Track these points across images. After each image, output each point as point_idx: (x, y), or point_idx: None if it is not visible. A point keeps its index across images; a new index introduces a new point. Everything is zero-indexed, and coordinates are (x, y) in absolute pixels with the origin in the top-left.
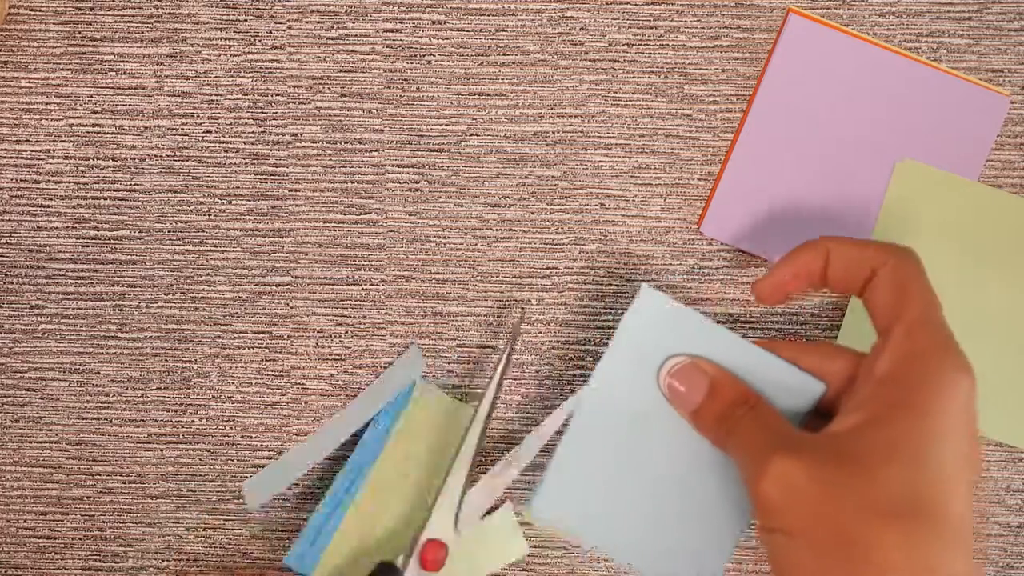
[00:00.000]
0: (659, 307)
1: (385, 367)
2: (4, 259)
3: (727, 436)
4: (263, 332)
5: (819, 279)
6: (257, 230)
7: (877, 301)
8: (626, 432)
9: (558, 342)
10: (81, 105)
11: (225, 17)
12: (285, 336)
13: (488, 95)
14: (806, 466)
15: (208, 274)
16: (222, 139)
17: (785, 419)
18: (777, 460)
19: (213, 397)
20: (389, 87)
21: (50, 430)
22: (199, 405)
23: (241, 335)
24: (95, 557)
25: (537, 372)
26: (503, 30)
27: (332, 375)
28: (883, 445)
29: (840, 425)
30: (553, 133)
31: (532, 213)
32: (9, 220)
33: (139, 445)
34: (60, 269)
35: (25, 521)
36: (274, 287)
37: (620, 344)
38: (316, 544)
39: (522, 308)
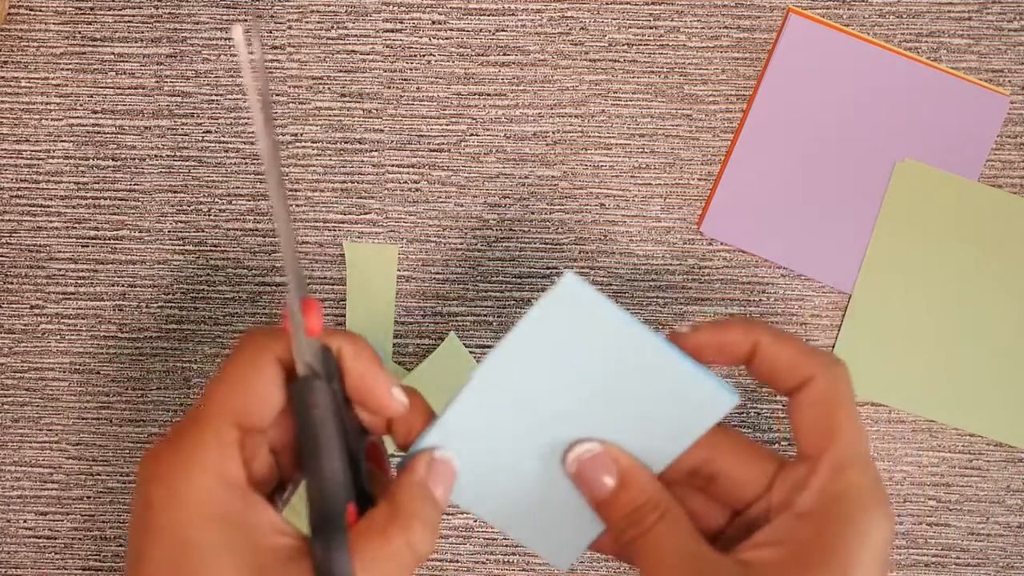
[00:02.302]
0: (580, 296)
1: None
2: (4, 259)
3: (632, 542)
4: None
5: (742, 362)
6: (257, 230)
7: (804, 421)
8: (518, 409)
9: None
10: (81, 105)
11: (225, 17)
12: None
13: (488, 95)
14: None
15: (208, 274)
16: (222, 139)
17: (695, 532)
18: None
19: None
20: (389, 87)
21: (50, 430)
22: None
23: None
24: (95, 557)
25: None
26: (503, 30)
27: None
28: None
29: (755, 555)
30: (553, 133)
31: (532, 213)
32: (9, 220)
33: (139, 445)
34: (60, 269)
35: (25, 521)
36: (274, 287)
37: (532, 324)
38: None
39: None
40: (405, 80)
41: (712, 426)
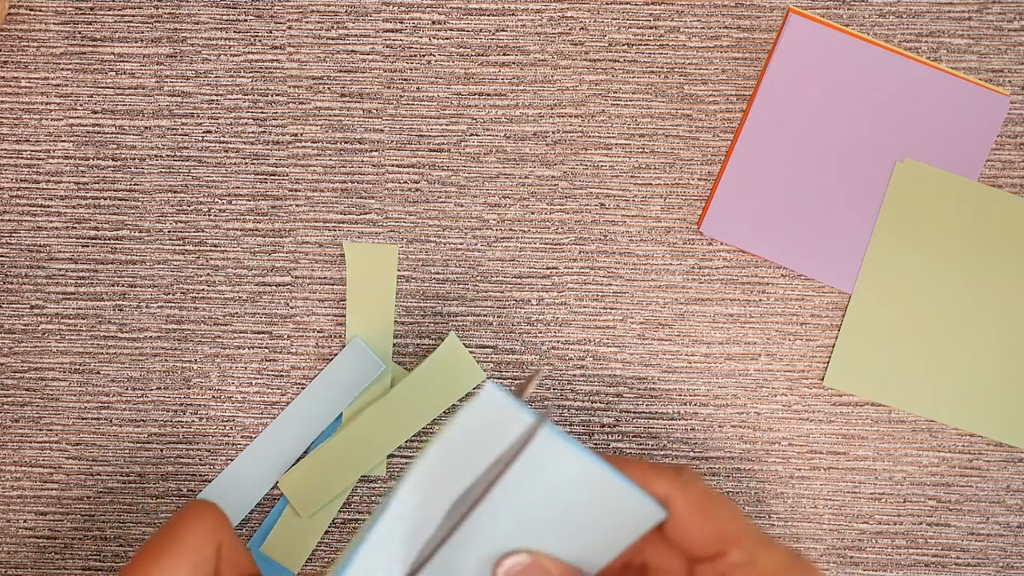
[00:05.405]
0: (502, 405)
1: None
2: (4, 259)
3: None
4: (263, 332)
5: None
6: (257, 230)
7: (685, 538)
8: (442, 520)
9: (558, 342)
10: (81, 105)
11: (225, 17)
12: (285, 336)
13: (488, 95)
14: None
15: (208, 274)
16: (222, 139)
17: None
18: None
19: (213, 397)
20: (389, 87)
21: (50, 430)
22: (199, 405)
23: (241, 335)
24: (95, 557)
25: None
26: (503, 30)
27: None
28: None
29: None
30: (553, 133)
31: (532, 213)
32: (9, 220)
33: (139, 445)
34: (60, 269)
35: (25, 521)
36: (274, 287)
37: (454, 434)
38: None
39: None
40: (405, 80)
41: (642, 536)
